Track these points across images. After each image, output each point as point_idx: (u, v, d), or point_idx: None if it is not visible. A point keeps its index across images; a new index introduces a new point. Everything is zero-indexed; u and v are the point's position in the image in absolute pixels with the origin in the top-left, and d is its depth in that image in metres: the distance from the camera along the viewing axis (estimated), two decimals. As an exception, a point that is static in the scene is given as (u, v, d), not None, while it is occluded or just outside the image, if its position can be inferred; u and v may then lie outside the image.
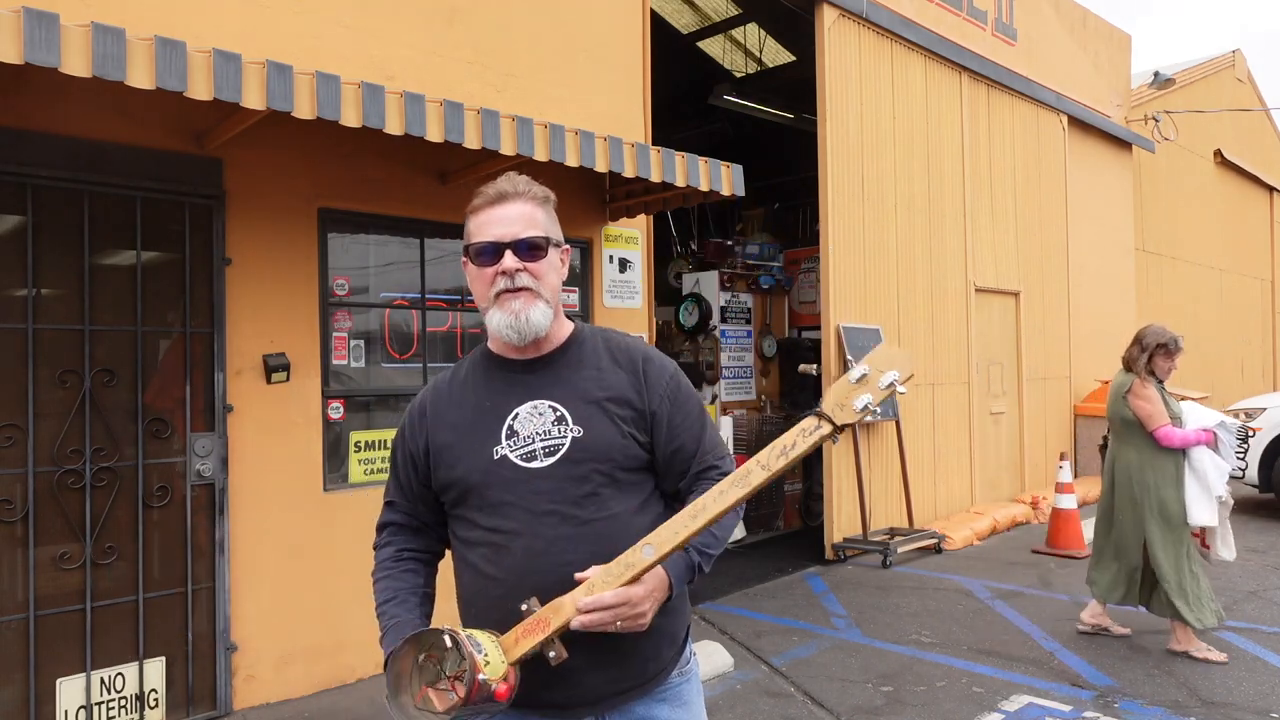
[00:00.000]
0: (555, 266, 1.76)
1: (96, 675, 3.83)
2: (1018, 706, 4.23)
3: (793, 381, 9.05)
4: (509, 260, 1.68)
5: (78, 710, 3.77)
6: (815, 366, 7.80)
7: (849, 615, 5.74)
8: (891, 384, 1.48)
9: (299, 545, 4.43)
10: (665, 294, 9.61)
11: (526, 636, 1.52)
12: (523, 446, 1.68)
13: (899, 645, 5.15)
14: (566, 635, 1.52)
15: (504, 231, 1.69)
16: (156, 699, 3.98)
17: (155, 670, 3.99)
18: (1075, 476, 9.79)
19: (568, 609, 1.51)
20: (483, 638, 1.53)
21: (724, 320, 9.03)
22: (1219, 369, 14.73)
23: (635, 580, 1.52)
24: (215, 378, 4.16)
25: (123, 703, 3.89)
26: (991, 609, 5.83)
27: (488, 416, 1.73)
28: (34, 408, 3.70)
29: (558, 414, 1.70)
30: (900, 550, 7.22)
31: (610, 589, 1.51)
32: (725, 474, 1.71)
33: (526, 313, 1.68)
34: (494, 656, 1.50)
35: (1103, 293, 11.41)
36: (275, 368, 4.30)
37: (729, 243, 9.47)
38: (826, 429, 1.49)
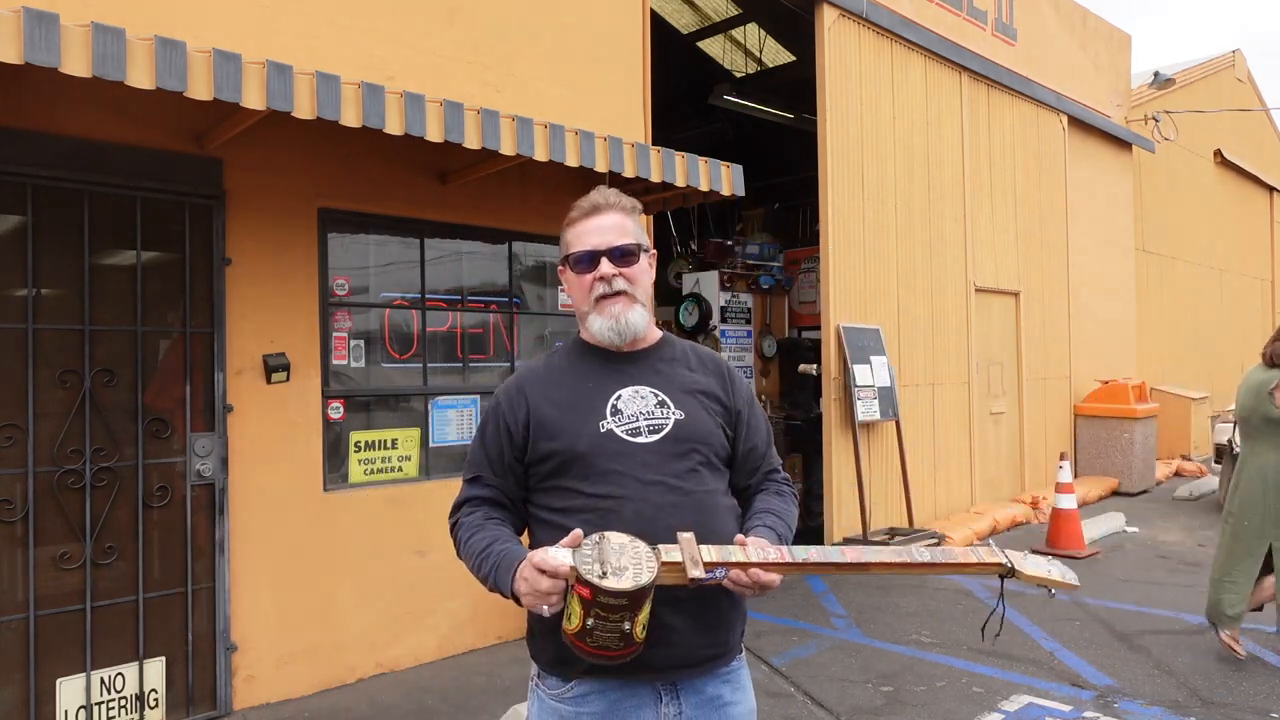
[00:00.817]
0: (646, 270, 1.91)
1: (96, 675, 3.83)
2: (1018, 706, 4.23)
3: (793, 381, 9.05)
4: (605, 266, 1.83)
5: (78, 710, 3.77)
6: (815, 366, 7.80)
7: (849, 615, 5.74)
8: (1060, 580, 1.76)
9: (299, 545, 4.43)
10: (665, 294, 9.61)
11: (694, 566, 1.54)
12: (628, 423, 1.79)
13: (899, 645, 5.15)
14: (673, 596, 1.61)
15: (600, 240, 1.85)
16: (156, 699, 3.98)
17: (155, 670, 3.99)
18: (1075, 476, 9.79)
19: (737, 555, 1.59)
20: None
21: (724, 320, 9.04)
22: (1219, 369, 14.73)
23: (792, 568, 1.64)
24: (215, 378, 4.17)
25: (123, 703, 3.89)
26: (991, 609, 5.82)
27: (591, 396, 1.83)
28: (34, 408, 3.70)
29: (659, 398, 1.84)
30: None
31: (778, 567, 1.63)
32: (787, 479, 2.00)
33: (626, 316, 1.83)
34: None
35: (1103, 293, 11.41)
36: (275, 368, 4.30)
37: (729, 243, 9.48)
38: (999, 560, 1.71)
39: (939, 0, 8.60)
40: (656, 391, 1.84)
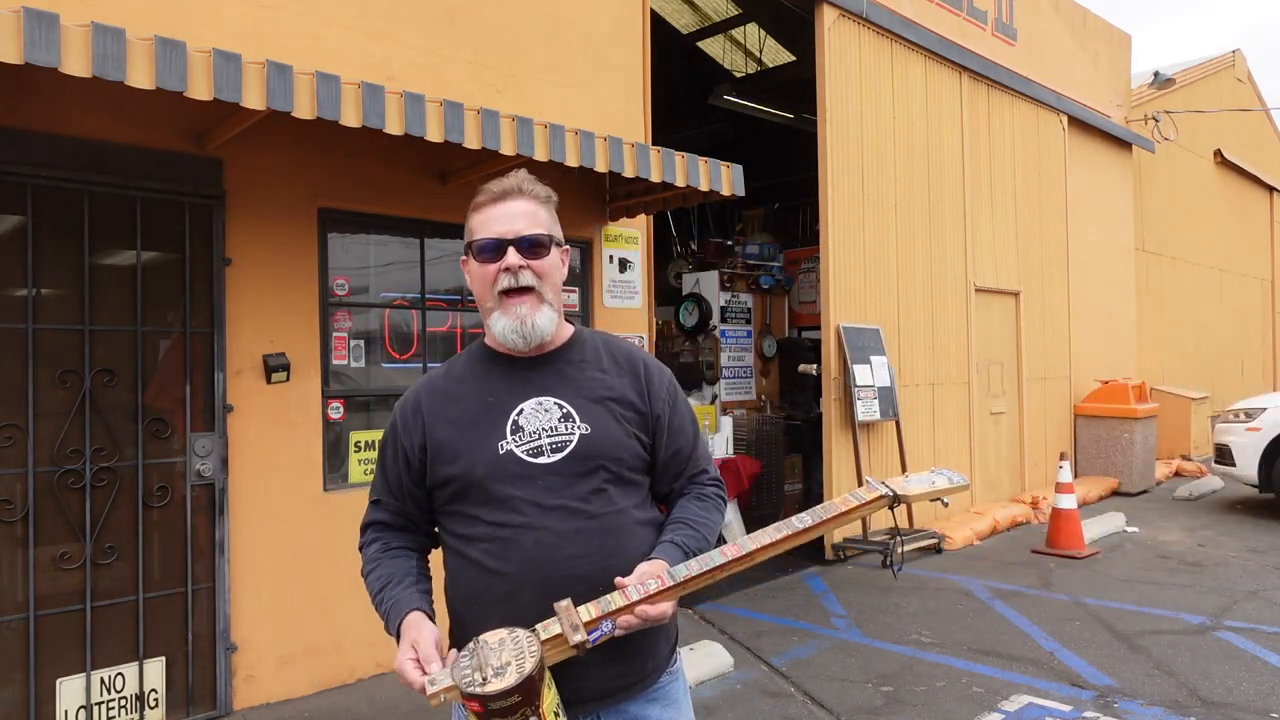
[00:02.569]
0: (557, 266, 1.75)
1: (96, 675, 3.83)
2: (1018, 706, 4.23)
3: (793, 381, 9.06)
4: (512, 257, 1.67)
5: (78, 710, 3.77)
6: (815, 366, 7.80)
7: (849, 615, 5.74)
8: (949, 486, 1.70)
9: (299, 545, 4.43)
10: (665, 294, 9.61)
11: (574, 631, 1.49)
12: (529, 442, 1.67)
13: (899, 645, 5.15)
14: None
15: (507, 228, 1.68)
16: (156, 699, 3.98)
17: (155, 670, 3.99)
18: (1075, 476, 9.79)
19: (618, 602, 1.52)
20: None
21: (724, 320, 9.04)
22: (1219, 369, 14.74)
23: (679, 589, 1.56)
24: (215, 378, 4.16)
25: (123, 703, 3.89)
26: (991, 609, 5.83)
27: (491, 411, 1.70)
28: (34, 408, 3.70)
29: (564, 411, 1.70)
30: (900, 550, 7.22)
31: (663, 594, 1.55)
32: (715, 479, 1.85)
33: (533, 319, 1.68)
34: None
35: (1103, 293, 11.41)
36: (275, 368, 4.30)
37: (729, 243, 9.49)
38: (881, 493, 1.66)
39: (939, 0, 8.60)
40: (561, 403, 1.70)
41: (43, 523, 3.72)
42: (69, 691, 3.76)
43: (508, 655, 1.43)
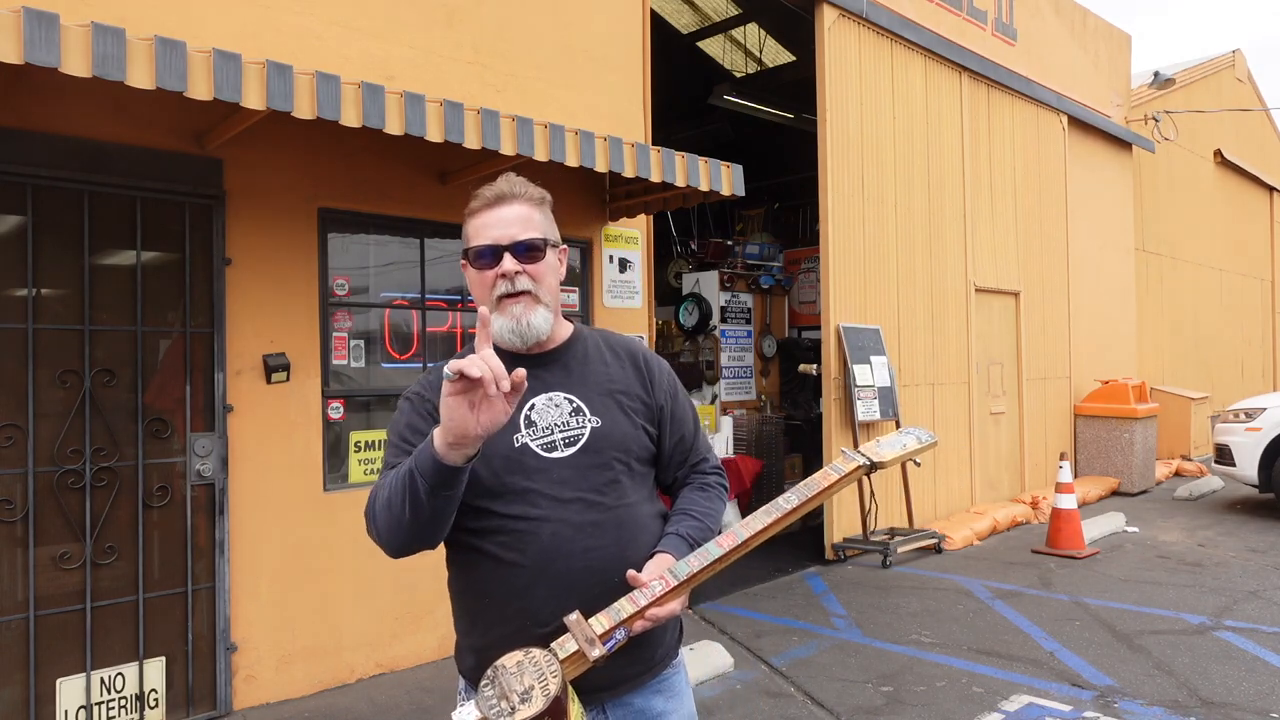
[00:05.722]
0: (553, 268, 1.77)
1: (96, 675, 3.83)
2: (1018, 706, 4.23)
3: (793, 381, 9.06)
4: (508, 263, 1.68)
5: (78, 710, 3.77)
6: (815, 366, 7.80)
7: (849, 615, 5.74)
8: (919, 445, 1.73)
9: (299, 545, 4.43)
10: (665, 294, 9.62)
11: (590, 644, 1.49)
12: (543, 436, 1.69)
13: (899, 645, 5.15)
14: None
15: (502, 234, 1.69)
16: (156, 699, 3.98)
17: (155, 670, 3.99)
18: (1075, 476, 9.79)
19: (627, 610, 1.53)
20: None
21: (724, 320, 9.05)
22: (1219, 369, 14.74)
23: (684, 586, 1.57)
24: (215, 378, 4.16)
25: (123, 703, 3.89)
26: (991, 609, 5.83)
27: None
28: (34, 408, 3.70)
29: (574, 405, 1.73)
30: (900, 550, 7.22)
31: (669, 595, 1.57)
32: (716, 467, 1.90)
33: (528, 318, 1.70)
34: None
35: (1103, 293, 11.41)
36: (275, 368, 4.30)
37: (729, 243, 9.49)
38: (857, 463, 1.66)
39: (939, 0, 8.60)
40: (571, 397, 1.73)
41: (43, 523, 3.72)
42: (69, 691, 3.76)
43: (529, 679, 1.42)
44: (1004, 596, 6.12)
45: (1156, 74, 11.96)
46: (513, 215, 1.71)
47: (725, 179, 5.06)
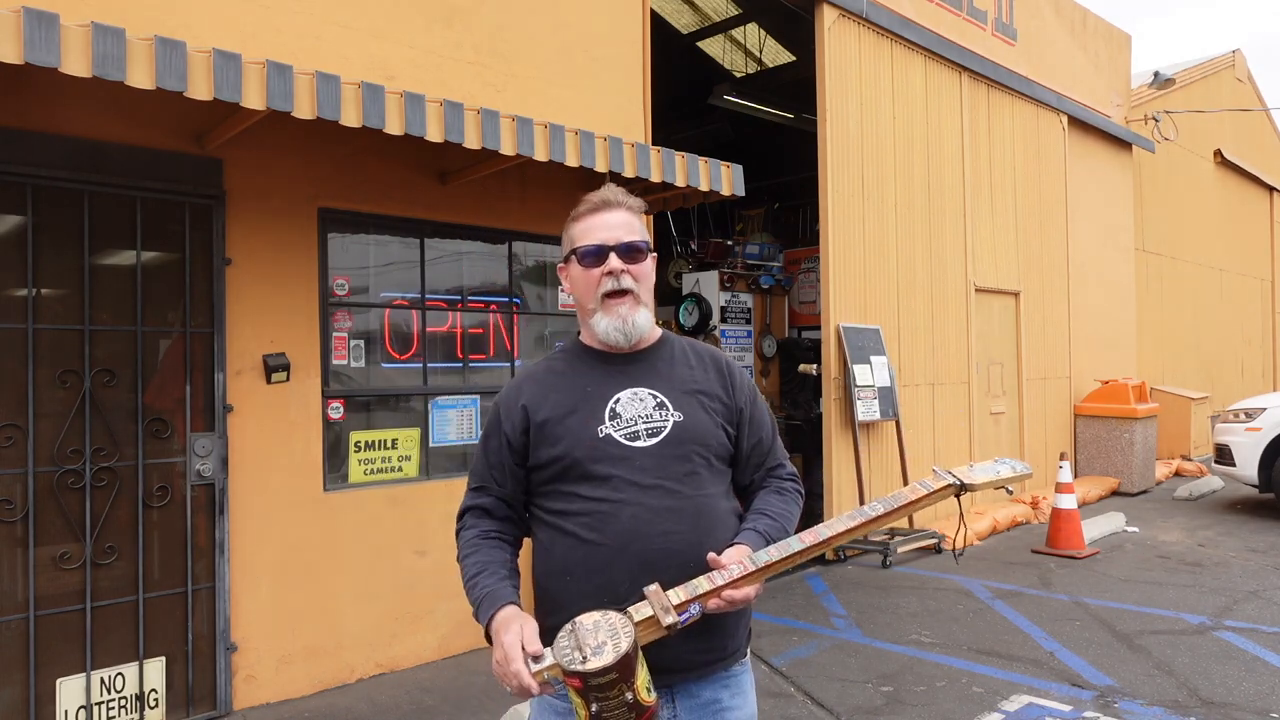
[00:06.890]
0: (651, 271, 1.92)
1: (96, 675, 3.83)
2: (1018, 706, 4.23)
3: (793, 381, 9.06)
4: (614, 261, 1.82)
5: (78, 710, 3.77)
6: (815, 366, 7.80)
7: (849, 615, 5.74)
8: (1013, 474, 1.78)
9: (299, 545, 4.43)
10: (665, 294, 9.62)
11: (665, 614, 1.58)
12: (626, 427, 1.80)
13: (899, 645, 5.15)
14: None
15: (609, 235, 1.84)
16: (156, 699, 3.98)
17: (155, 670, 3.99)
18: (1075, 476, 9.79)
19: (704, 587, 1.61)
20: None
21: (724, 320, 9.04)
22: (1219, 369, 14.74)
23: (760, 573, 1.66)
24: (215, 378, 4.17)
25: (123, 703, 3.89)
26: (991, 609, 5.83)
27: (591, 399, 1.84)
28: (34, 408, 3.70)
29: (658, 400, 1.84)
30: (900, 550, 7.22)
31: (745, 579, 1.65)
32: (791, 474, 1.99)
33: (633, 318, 1.84)
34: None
35: (1103, 293, 11.41)
36: (275, 368, 4.30)
37: (729, 243, 9.48)
38: (948, 482, 1.74)
39: (939, 0, 8.60)
40: (655, 393, 1.85)
41: (43, 523, 3.72)
42: (69, 691, 3.76)
43: (603, 635, 1.51)
44: (1004, 596, 6.12)
45: (1156, 74, 11.95)
46: (617, 220, 1.86)
47: (725, 179, 5.06)
